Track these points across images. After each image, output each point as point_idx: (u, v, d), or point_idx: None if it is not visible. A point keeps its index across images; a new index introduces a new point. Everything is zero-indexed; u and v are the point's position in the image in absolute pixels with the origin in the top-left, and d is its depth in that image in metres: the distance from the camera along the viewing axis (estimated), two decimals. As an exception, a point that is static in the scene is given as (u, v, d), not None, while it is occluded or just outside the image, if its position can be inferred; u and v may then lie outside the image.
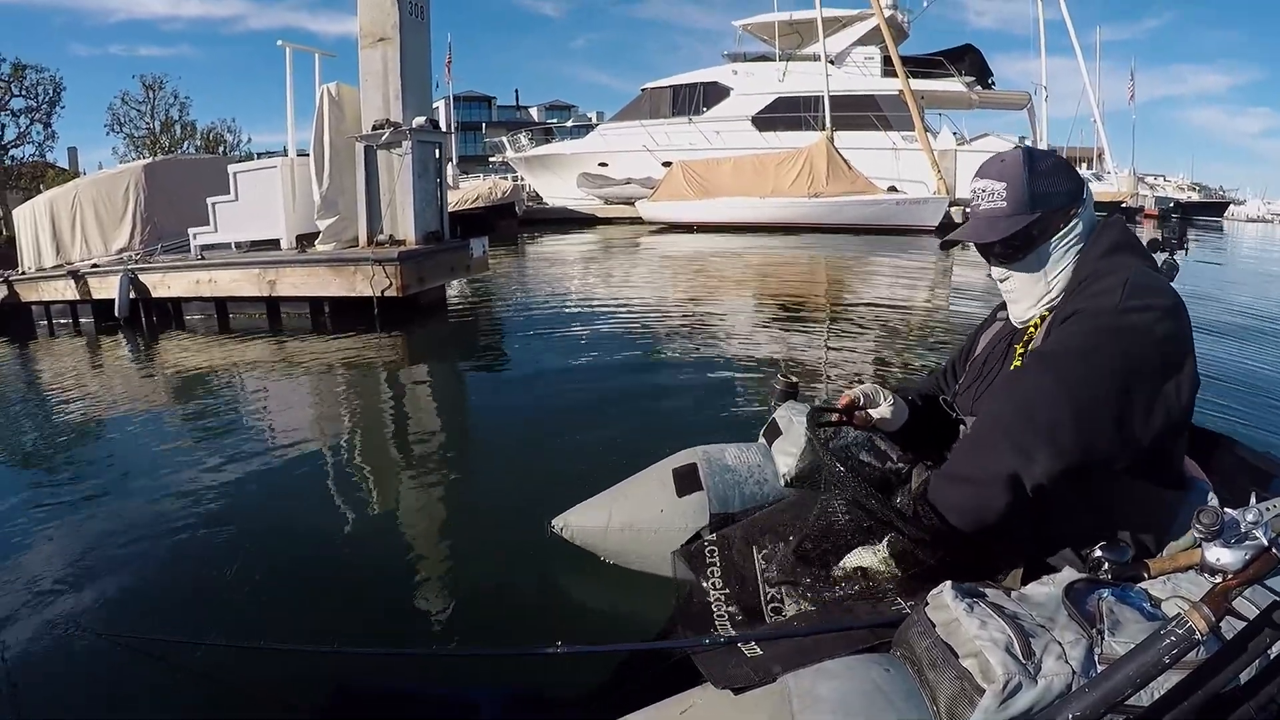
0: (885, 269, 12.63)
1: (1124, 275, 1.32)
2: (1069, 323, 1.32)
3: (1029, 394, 1.26)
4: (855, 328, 7.14)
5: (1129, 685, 0.88)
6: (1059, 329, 1.33)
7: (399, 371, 5.93)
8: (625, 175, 25.98)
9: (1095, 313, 1.28)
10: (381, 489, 3.43)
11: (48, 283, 9.05)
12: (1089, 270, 1.40)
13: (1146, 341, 1.26)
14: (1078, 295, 1.36)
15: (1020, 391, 1.28)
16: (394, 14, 7.81)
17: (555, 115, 54.28)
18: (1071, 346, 1.27)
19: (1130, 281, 1.30)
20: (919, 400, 1.70)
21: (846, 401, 1.57)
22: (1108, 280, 1.33)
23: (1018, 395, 1.28)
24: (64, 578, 2.54)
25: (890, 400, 1.60)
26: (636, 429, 3.93)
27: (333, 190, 8.25)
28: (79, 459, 4.10)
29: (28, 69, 23.86)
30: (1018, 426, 1.23)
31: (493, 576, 2.50)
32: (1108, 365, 1.25)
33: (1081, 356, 1.25)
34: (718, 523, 1.83)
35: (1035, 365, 1.31)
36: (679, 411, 4.36)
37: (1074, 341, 1.27)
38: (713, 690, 1.15)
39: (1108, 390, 1.24)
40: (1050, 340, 1.33)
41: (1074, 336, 1.28)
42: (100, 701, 1.92)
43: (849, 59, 25.53)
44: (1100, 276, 1.35)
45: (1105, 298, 1.29)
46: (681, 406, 4.47)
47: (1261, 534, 0.90)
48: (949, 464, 1.34)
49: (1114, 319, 1.26)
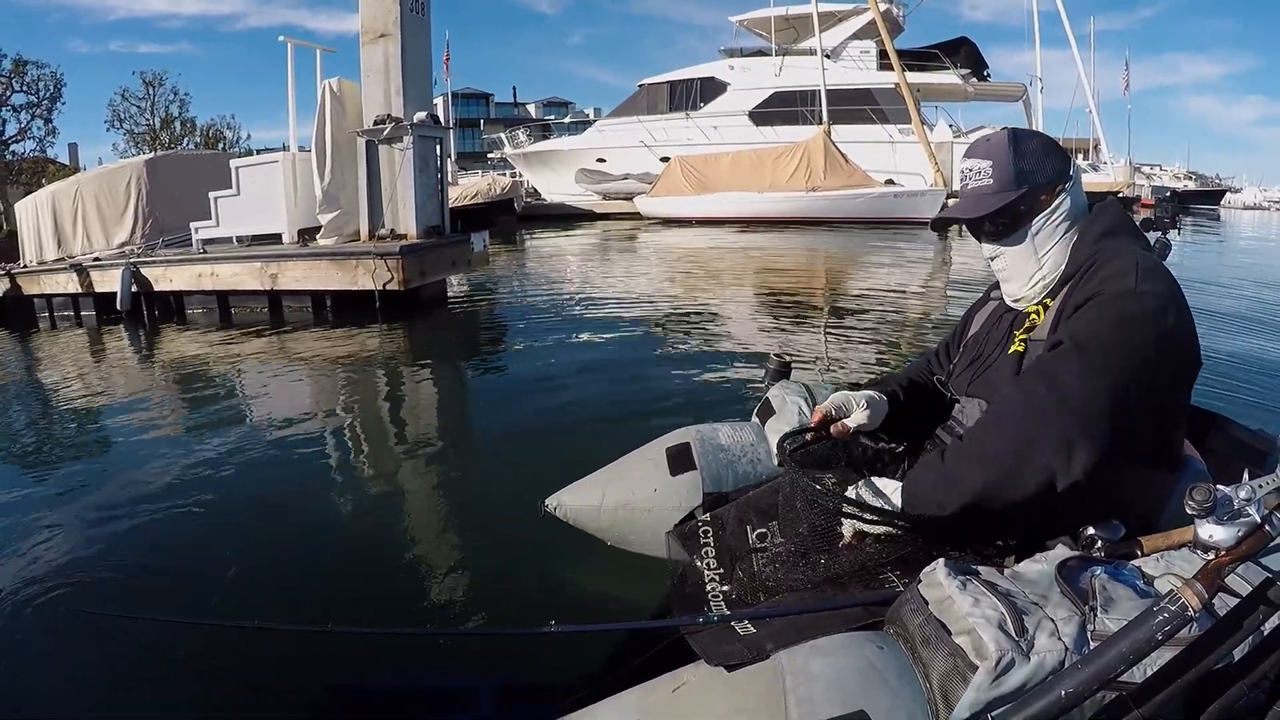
0: (884, 260, 12.65)
1: (1131, 259, 1.32)
2: (1089, 309, 1.29)
3: (1068, 385, 1.21)
4: (853, 316, 7.16)
5: (1121, 662, 0.88)
6: (1080, 316, 1.30)
7: (400, 363, 5.95)
8: (623, 171, 25.99)
9: (1116, 298, 1.27)
10: (377, 474, 3.45)
11: (50, 276, 9.07)
12: (1088, 253, 1.40)
13: (1164, 330, 1.26)
14: (1089, 279, 1.34)
15: (1057, 382, 1.22)
16: (395, 10, 7.83)
17: (553, 111, 54.23)
18: (1104, 337, 1.24)
19: (1140, 266, 1.30)
20: (900, 392, 1.68)
21: (819, 418, 1.55)
22: (1116, 264, 1.32)
23: (1055, 385, 1.22)
24: (60, 560, 2.56)
25: (864, 404, 1.57)
26: (632, 412, 3.97)
27: (334, 185, 8.27)
28: (79, 447, 4.12)
29: (29, 65, 23.89)
30: (1058, 418, 1.19)
31: (486, 556, 2.52)
32: (1139, 356, 1.24)
33: (1115, 348, 1.23)
34: (711, 502, 1.82)
35: (1069, 356, 1.25)
36: (674, 394, 4.39)
37: (1104, 329, 1.25)
38: (706, 668, 1.15)
39: (1140, 381, 1.24)
40: (1076, 326, 1.29)
41: (1102, 323, 1.26)
42: (96, 679, 1.93)
43: (845, 53, 25.54)
44: (1107, 261, 1.34)
45: (1119, 281, 1.28)
46: (676, 389, 4.50)
47: (1254, 511, 0.90)
48: (969, 442, 1.29)
49: (1135, 306, 1.25)
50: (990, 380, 1.49)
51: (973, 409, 1.53)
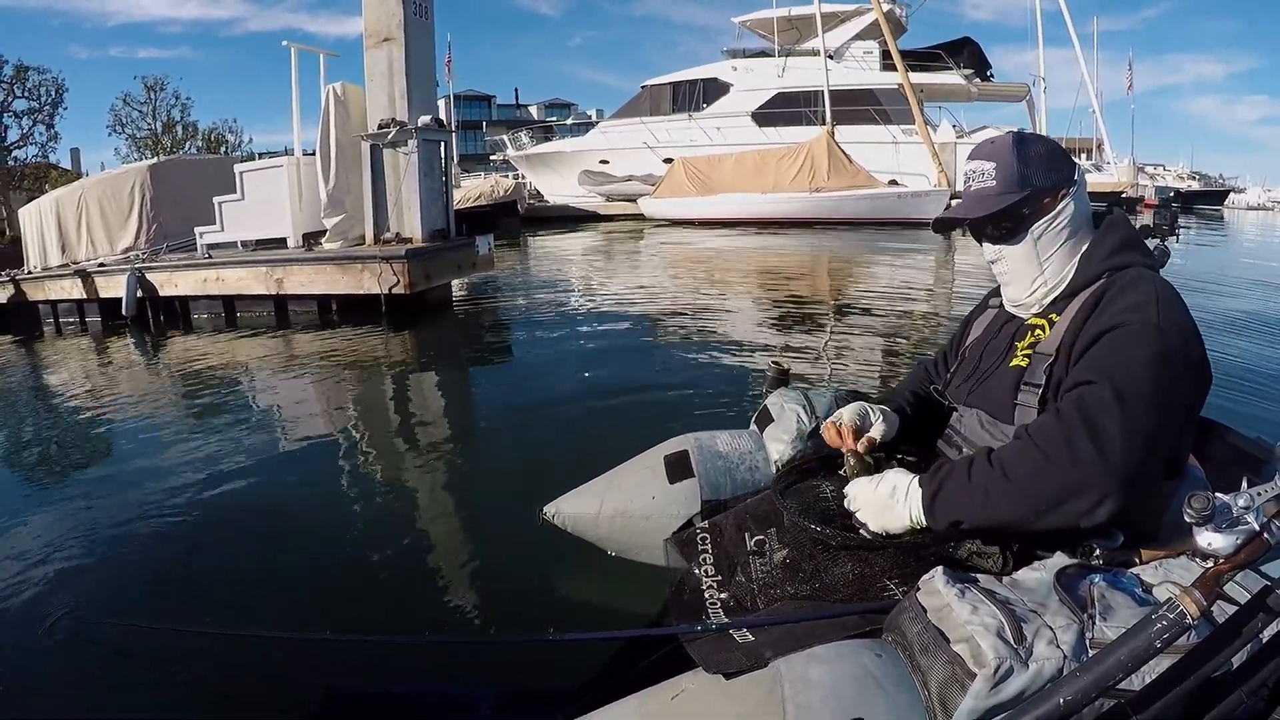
0: (887, 261, 12.63)
1: (1150, 289, 1.31)
2: (1116, 345, 1.27)
3: (1112, 441, 1.19)
4: (855, 321, 7.14)
5: (1120, 669, 0.88)
6: (1108, 352, 1.27)
7: (407, 367, 5.96)
8: (626, 172, 26.02)
9: (1142, 334, 1.25)
10: (378, 481, 3.45)
11: (54, 282, 9.08)
12: (1097, 271, 1.40)
13: (1191, 364, 1.27)
14: (1106, 308, 1.32)
15: (1101, 436, 1.19)
16: (399, 13, 7.85)
17: (555, 113, 54.29)
18: (1141, 384, 1.22)
19: (1159, 297, 1.29)
20: (908, 407, 1.69)
21: (849, 432, 1.54)
22: (1134, 295, 1.30)
23: (1098, 439, 1.19)
24: (63, 566, 2.57)
25: (879, 416, 1.59)
26: (635, 419, 3.97)
27: (339, 189, 8.30)
28: (84, 452, 4.14)
29: (30, 70, 23.96)
30: (1101, 477, 1.17)
31: (484, 563, 2.52)
32: (1172, 400, 1.25)
33: (1152, 396, 1.22)
34: (709, 510, 1.82)
35: (1111, 409, 1.21)
36: (675, 400, 4.38)
37: (1139, 374, 1.23)
38: (704, 675, 1.15)
39: (1173, 423, 1.26)
40: (1111, 367, 1.25)
41: (1135, 365, 1.23)
42: (97, 686, 1.94)
43: (848, 54, 25.52)
44: (1124, 290, 1.33)
45: (1141, 314, 1.27)
46: (677, 396, 4.48)
47: (1253, 519, 0.90)
48: (1012, 479, 1.24)
49: (1162, 343, 1.24)
50: (990, 392, 1.48)
51: (971, 419, 1.53)
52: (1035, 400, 1.37)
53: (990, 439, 1.46)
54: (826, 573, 1.35)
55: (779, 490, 1.53)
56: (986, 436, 1.48)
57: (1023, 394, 1.40)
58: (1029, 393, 1.38)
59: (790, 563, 1.42)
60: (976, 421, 1.51)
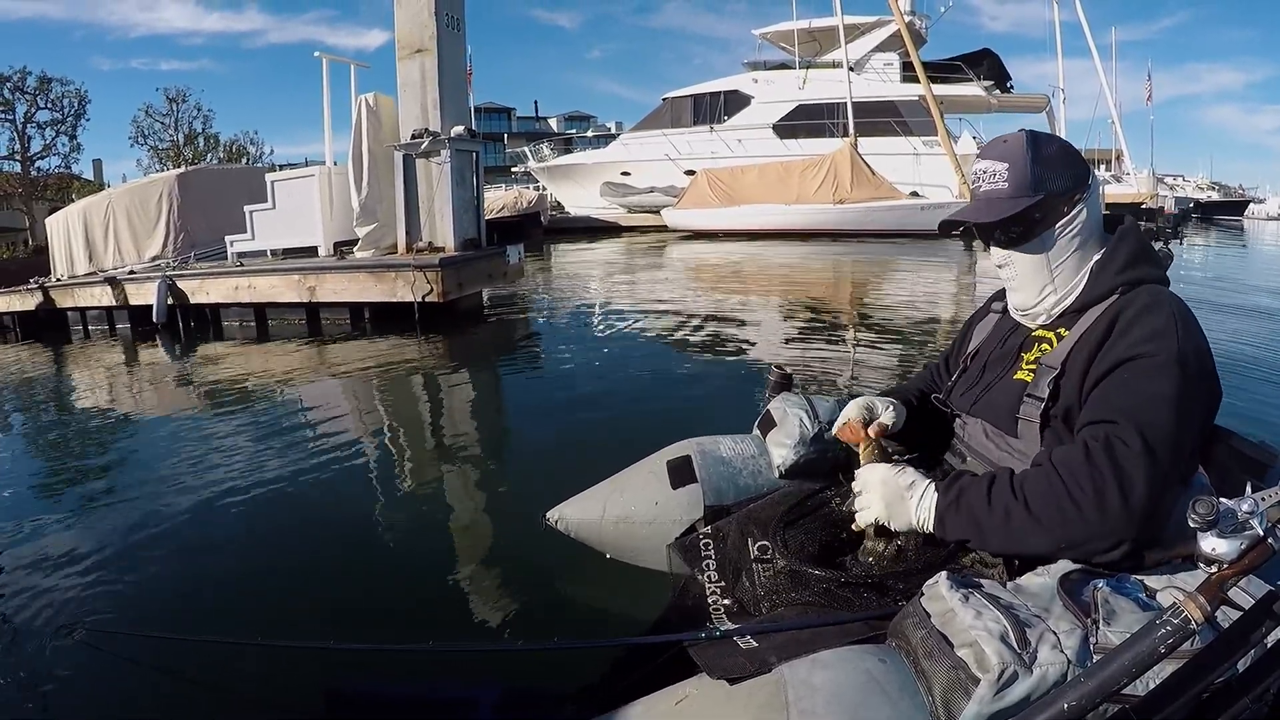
0: (910, 272, 12.57)
1: (1167, 315, 1.28)
2: (1140, 376, 1.24)
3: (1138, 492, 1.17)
4: (873, 331, 7.14)
5: (1124, 674, 0.88)
6: (1134, 387, 1.24)
7: (440, 374, 5.99)
8: (648, 184, 26.06)
9: (1167, 367, 1.23)
10: (385, 486, 3.44)
11: (84, 289, 9.25)
12: (1110, 286, 1.37)
13: (1209, 386, 1.27)
14: (1125, 335, 1.28)
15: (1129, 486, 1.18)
16: (432, 26, 7.97)
17: (575, 125, 54.66)
18: (1167, 428, 1.20)
19: (1177, 321, 1.27)
20: (914, 399, 1.68)
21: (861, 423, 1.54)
22: (1154, 322, 1.27)
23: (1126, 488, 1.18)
24: (80, 575, 2.58)
25: (888, 405, 1.58)
26: (651, 426, 3.94)
27: (371, 198, 8.40)
28: (110, 458, 4.20)
29: (53, 82, 24.46)
30: (1125, 526, 1.17)
31: (487, 569, 2.51)
32: (1193, 428, 1.25)
33: (1177, 435, 1.21)
34: (712, 515, 1.82)
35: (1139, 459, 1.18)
36: (696, 407, 4.40)
37: (1167, 416, 1.21)
38: (708, 681, 1.15)
39: (1191, 447, 1.27)
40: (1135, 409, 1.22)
41: (1163, 406, 1.21)
42: (111, 697, 1.95)
43: (868, 65, 25.44)
44: (1142, 316, 1.29)
45: (1163, 343, 1.25)
46: (698, 403, 4.50)
47: (1257, 524, 0.90)
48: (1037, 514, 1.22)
49: (1183, 375, 1.23)
50: (993, 403, 1.46)
51: (976, 428, 1.52)
52: (1037, 414, 1.35)
53: (995, 449, 1.46)
54: (830, 578, 1.35)
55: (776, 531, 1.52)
56: (991, 447, 1.47)
57: (1025, 406, 1.38)
58: (1031, 405, 1.36)
59: (793, 568, 1.42)
60: (981, 431, 1.50)
